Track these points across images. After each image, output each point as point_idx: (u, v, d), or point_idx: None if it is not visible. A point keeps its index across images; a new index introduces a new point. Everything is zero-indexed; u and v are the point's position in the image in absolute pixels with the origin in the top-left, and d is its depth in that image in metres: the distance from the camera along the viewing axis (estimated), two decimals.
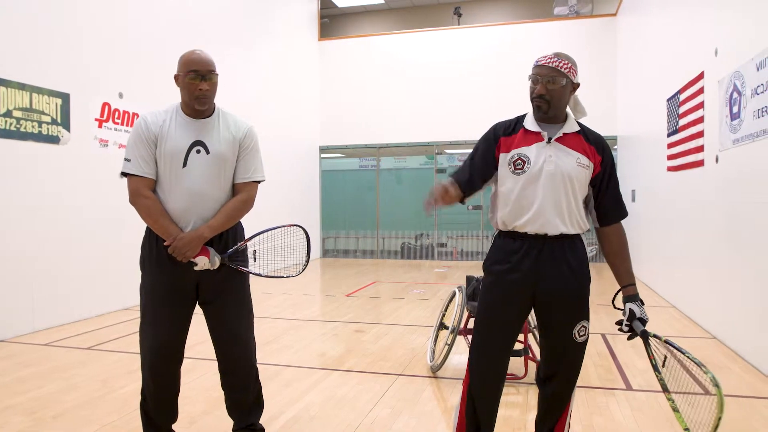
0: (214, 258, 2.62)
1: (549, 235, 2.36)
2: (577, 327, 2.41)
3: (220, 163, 2.65)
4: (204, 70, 2.60)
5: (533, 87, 2.41)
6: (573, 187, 2.35)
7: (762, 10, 4.36)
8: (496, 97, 12.43)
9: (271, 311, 6.82)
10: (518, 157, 2.39)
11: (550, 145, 2.38)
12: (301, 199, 12.62)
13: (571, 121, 2.46)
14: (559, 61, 2.37)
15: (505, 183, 2.43)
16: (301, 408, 3.57)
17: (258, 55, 10.62)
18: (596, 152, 2.41)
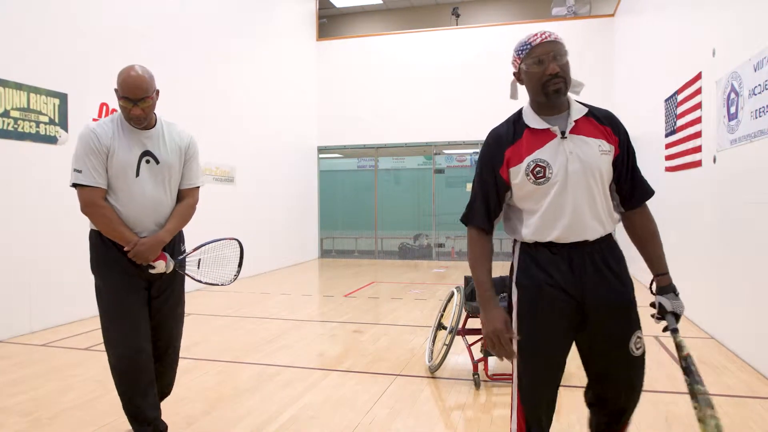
0: (170, 263, 2.82)
1: (589, 241, 2.02)
2: (632, 339, 2.02)
3: (169, 172, 2.83)
4: (135, 98, 2.65)
5: (540, 70, 2.00)
6: (602, 180, 2.02)
7: (759, 11, 4.37)
8: (494, 97, 12.40)
9: (270, 312, 6.82)
10: (535, 164, 2.01)
11: (565, 139, 2.01)
12: (299, 199, 12.62)
13: (575, 104, 2.09)
14: (554, 34, 2.05)
15: (527, 197, 2.06)
16: (300, 408, 3.57)
17: (256, 54, 10.62)
18: (612, 132, 2.06)
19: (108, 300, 2.77)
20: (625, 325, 2.03)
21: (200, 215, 9.22)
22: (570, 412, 3.49)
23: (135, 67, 2.69)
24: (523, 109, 2.14)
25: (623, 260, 2.09)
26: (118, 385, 2.78)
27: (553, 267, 2.03)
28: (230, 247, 3.29)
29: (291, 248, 12.06)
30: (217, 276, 3.17)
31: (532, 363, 2.07)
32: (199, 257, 3.06)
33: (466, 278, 4.50)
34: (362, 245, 13.92)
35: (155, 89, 2.74)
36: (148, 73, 2.71)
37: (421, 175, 13.71)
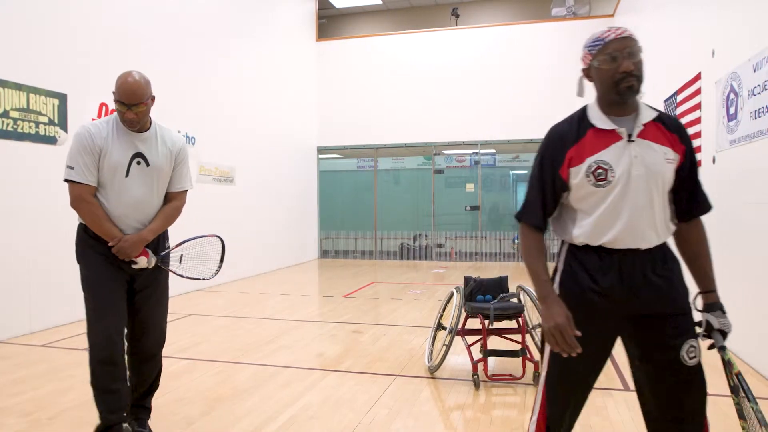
0: (152, 259, 2.92)
1: (641, 249, 1.95)
2: (685, 347, 1.92)
3: (158, 174, 2.94)
4: (130, 103, 2.74)
5: (613, 67, 1.91)
6: (664, 189, 1.95)
7: (759, 12, 4.37)
8: (494, 97, 12.46)
9: (269, 312, 6.82)
10: (597, 165, 1.94)
11: (632, 142, 1.93)
12: (299, 199, 12.62)
13: (644, 107, 1.99)
14: (629, 30, 1.93)
15: (586, 198, 1.99)
16: (300, 408, 3.57)
17: (256, 55, 10.62)
18: (679, 141, 1.96)
19: (92, 292, 2.85)
20: (678, 334, 1.94)
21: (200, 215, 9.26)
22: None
23: (133, 73, 2.80)
24: (588, 107, 2.07)
25: (678, 268, 2.01)
26: (92, 373, 2.83)
27: (599, 273, 1.96)
28: (212, 244, 3.43)
29: (290, 248, 12.06)
30: (199, 271, 3.30)
31: (566, 367, 2.01)
32: (182, 253, 3.20)
33: (465, 278, 4.50)
34: (362, 245, 13.92)
35: (150, 96, 2.83)
36: (145, 80, 2.81)
37: (421, 176, 13.71)
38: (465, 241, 13.42)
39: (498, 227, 13.60)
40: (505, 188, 13.97)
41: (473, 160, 13.18)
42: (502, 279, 4.52)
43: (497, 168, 13.61)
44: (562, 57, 12.28)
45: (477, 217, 13.10)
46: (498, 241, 13.39)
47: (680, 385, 1.95)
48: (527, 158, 13.59)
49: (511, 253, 13.00)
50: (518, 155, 13.76)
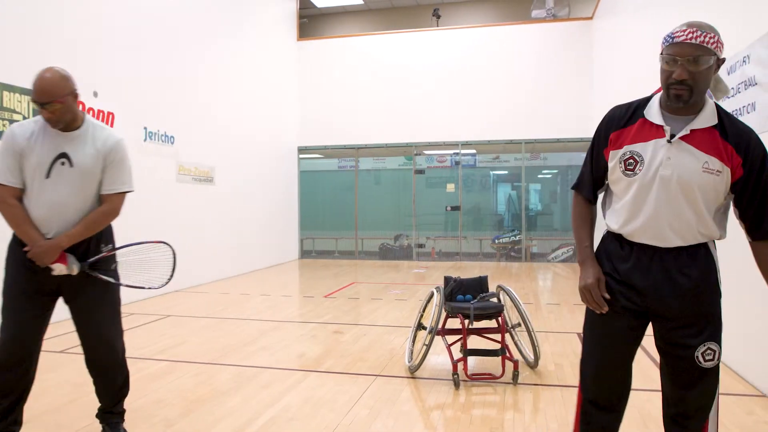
0: (72, 265, 2.74)
1: (660, 247, 2.00)
2: (701, 349, 1.98)
3: (84, 176, 2.77)
4: (41, 101, 2.64)
5: (668, 70, 1.91)
6: (695, 198, 1.92)
7: (733, 17, 4.45)
8: (475, 98, 12.53)
9: (249, 313, 6.78)
10: (630, 155, 1.98)
11: (672, 143, 1.93)
12: (280, 199, 12.57)
13: (708, 112, 1.94)
14: (704, 35, 1.84)
15: (617, 183, 2.07)
16: (280, 409, 3.55)
17: (236, 54, 10.54)
18: (735, 152, 1.89)
19: (3, 298, 2.79)
20: (693, 334, 2.00)
21: (180, 215, 9.11)
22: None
23: (49, 68, 2.67)
24: (653, 96, 2.08)
25: (710, 271, 2.03)
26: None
27: (618, 260, 2.07)
28: (158, 251, 3.21)
29: (271, 249, 12.00)
30: (144, 279, 3.14)
31: (593, 349, 2.17)
32: (120, 260, 3.02)
33: (445, 278, 4.52)
34: (343, 246, 13.90)
35: (69, 92, 2.68)
36: (61, 76, 2.67)
37: (402, 176, 13.74)
38: (445, 241, 13.48)
39: (478, 227, 13.69)
40: (486, 188, 14.06)
41: (454, 160, 13.24)
42: (482, 279, 4.55)
43: (478, 168, 13.69)
44: (542, 58, 12.42)
45: (458, 217, 13.16)
46: (478, 242, 13.46)
47: (692, 384, 2.04)
48: (507, 159, 13.69)
49: (492, 252, 13.08)
50: (498, 156, 13.86)
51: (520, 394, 3.84)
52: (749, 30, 4.02)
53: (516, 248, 12.87)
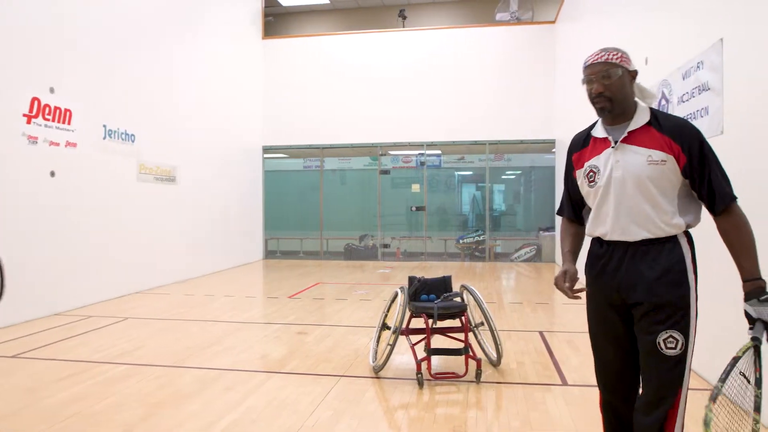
0: None
1: (631, 242, 2.18)
2: (662, 336, 2.09)
3: None
4: None
5: (589, 88, 2.22)
6: (649, 189, 2.12)
7: (687, 24, 4.60)
8: (440, 99, 12.62)
9: (213, 314, 6.68)
10: (590, 169, 2.27)
11: (616, 149, 2.19)
12: (244, 199, 12.43)
13: (640, 114, 2.20)
14: (608, 54, 2.19)
15: (587, 197, 2.33)
16: (242, 412, 3.52)
17: (199, 52, 10.38)
18: (673, 142, 2.11)
19: None
20: (657, 322, 2.10)
21: (141, 215, 8.93)
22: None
23: None
24: (599, 119, 2.33)
25: (679, 264, 2.13)
26: None
27: (597, 260, 2.28)
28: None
29: (235, 249, 11.85)
30: None
31: (593, 346, 2.38)
32: None
33: (410, 278, 4.54)
34: (308, 246, 13.83)
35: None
36: None
37: (367, 176, 13.75)
38: (410, 241, 13.54)
39: (443, 228, 13.79)
40: (451, 189, 14.17)
41: (419, 161, 13.31)
42: (446, 279, 4.59)
43: (443, 169, 13.79)
44: (506, 61, 12.59)
45: (422, 217, 13.24)
46: (443, 242, 13.56)
47: (654, 371, 2.13)
48: (472, 160, 13.83)
49: (456, 252, 13.20)
50: (463, 156, 13.99)
51: (482, 392, 3.89)
52: (703, 37, 4.16)
53: (480, 248, 13.02)
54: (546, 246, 12.53)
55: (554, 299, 7.93)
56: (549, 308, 7.16)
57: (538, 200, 13.71)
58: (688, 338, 2.10)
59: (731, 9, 3.78)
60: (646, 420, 2.15)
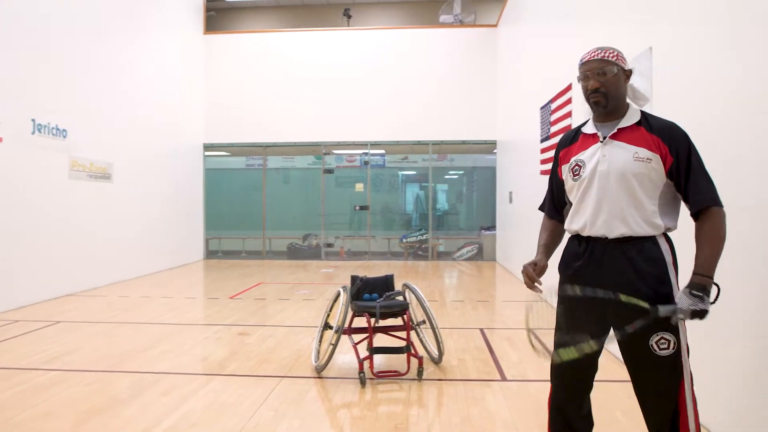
0: None
1: (609, 238, 2.21)
2: (654, 338, 2.11)
3: None
4: None
5: (585, 85, 2.26)
6: (632, 186, 2.17)
7: (620, 30, 4.79)
8: (384, 99, 12.68)
9: (149, 316, 6.48)
10: (576, 163, 2.32)
11: (604, 144, 2.24)
12: (184, 198, 12.10)
13: (631, 114, 2.26)
14: (604, 52, 2.24)
15: (570, 191, 2.37)
16: (180, 416, 3.43)
17: (137, 45, 10.03)
18: (661, 142, 2.15)
19: None
20: (646, 325, 2.08)
21: (73, 214, 8.58)
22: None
23: None
24: (590, 117, 2.40)
25: (660, 263, 2.16)
26: None
27: (573, 259, 2.32)
28: None
29: (174, 249, 11.53)
30: None
31: (558, 344, 2.37)
32: None
33: (352, 277, 4.54)
34: (250, 246, 13.61)
35: None
36: None
37: (311, 175, 13.66)
38: (354, 240, 13.54)
39: (387, 227, 13.85)
40: (394, 188, 14.26)
41: (363, 160, 13.33)
42: (388, 277, 4.62)
43: (387, 168, 13.85)
44: (449, 62, 12.78)
45: (366, 216, 13.26)
46: (387, 241, 13.63)
47: (650, 373, 2.17)
48: (416, 159, 13.95)
49: (400, 252, 13.29)
50: (407, 156, 14.10)
51: (424, 389, 3.94)
52: (635, 44, 4.35)
53: (423, 247, 13.16)
54: (487, 245, 12.79)
55: (495, 297, 8.11)
56: (489, 306, 7.31)
57: (480, 200, 13.97)
58: (679, 337, 2.12)
59: (660, 20, 3.97)
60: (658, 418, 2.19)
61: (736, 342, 2.85)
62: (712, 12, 3.22)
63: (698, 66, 3.36)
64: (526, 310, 2.39)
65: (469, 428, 3.28)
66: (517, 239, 9.66)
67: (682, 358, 2.14)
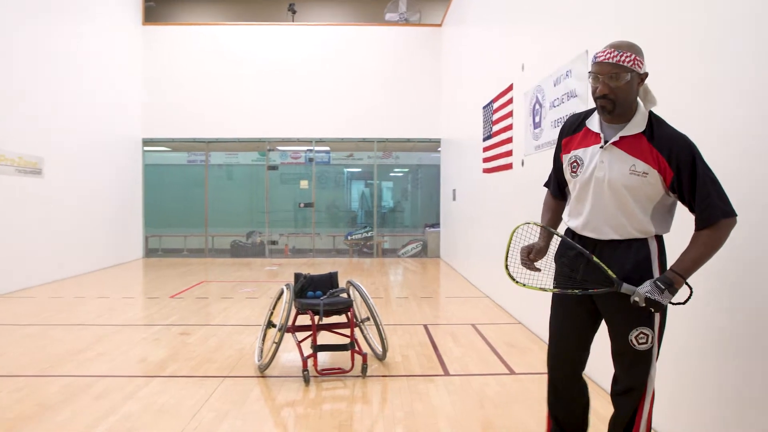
0: None
1: (600, 240, 2.26)
2: (634, 333, 2.20)
3: None
4: None
5: (594, 86, 2.17)
6: (625, 197, 2.17)
7: (558, 34, 4.93)
8: (329, 96, 12.62)
9: (84, 317, 6.23)
10: (575, 158, 2.30)
11: (605, 149, 2.20)
12: (121, 194, 11.67)
13: (638, 120, 2.18)
14: (620, 54, 2.10)
15: (569, 182, 2.40)
16: (116, 420, 3.31)
17: (71, 35, 9.59)
18: (660, 156, 2.10)
19: None
20: (628, 319, 2.20)
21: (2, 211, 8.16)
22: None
23: None
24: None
25: (645, 262, 2.20)
26: None
27: (570, 251, 2.32)
28: None
29: (111, 247, 11.12)
30: None
31: (554, 330, 2.49)
32: None
33: (296, 275, 4.51)
34: (192, 243, 13.28)
35: None
36: None
37: (255, 172, 13.44)
38: (299, 238, 13.43)
39: (332, 224, 13.80)
40: (340, 186, 14.21)
41: (308, 157, 13.23)
42: (332, 275, 4.60)
43: (332, 166, 13.79)
44: (395, 60, 12.84)
45: (311, 213, 13.17)
46: (332, 238, 13.58)
47: (626, 365, 2.28)
48: (361, 157, 13.95)
49: (345, 249, 13.27)
50: (352, 153, 14.07)
51: (369, 386, 3.95)
52: (572, 47, 4.48)
53: (368, 244, 13.18)
54: (432, 242, 12.94)
55: (439, 293, 8.21)
56: (434, 302, 7.40)
57: (425, 197, 14.10)
58: (654, 331, 2.22)
59: (594, 24, 4.11)
60: (622, 401, 2.33)
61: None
62: (643, 16, 3.36)
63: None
64: (509, 237, 2.42)
65: (412, 423, 3.31)
66: (461, 236, 9.81)
67: (653, 356, 2.26)
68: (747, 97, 2.41)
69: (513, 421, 3.34)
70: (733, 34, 2.51)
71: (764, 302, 2.30)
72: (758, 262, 2.33)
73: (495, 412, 3.47)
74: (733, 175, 2.40)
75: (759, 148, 2.33)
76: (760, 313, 2.31)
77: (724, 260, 2.38)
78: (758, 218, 2.31)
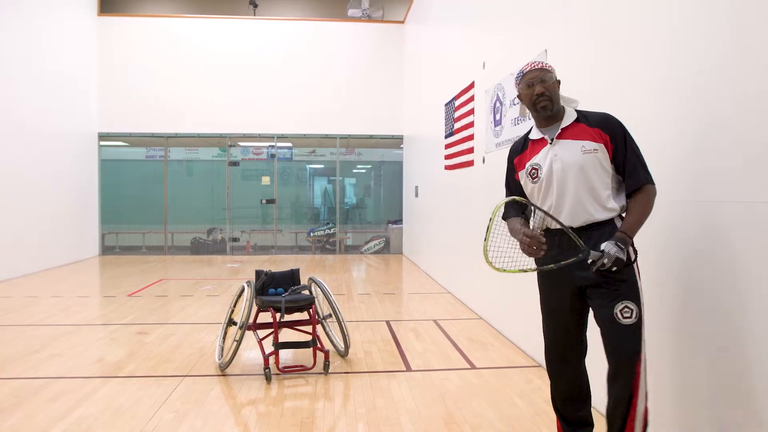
0: None
1: (574, 227, 2.40)
2: (618, 307, 2.32)
3: None
4: None
5: (530, 91, 2.49)
6: (587, 175, 2.39)
7: (518, 32, 5.01)
8: (291, 91, 12.52)
9: (37, 317, 6.04)
10: (532, 167, 2.52)
11: (553, 145, 2.47)
12: (76, 190, 11.34)
13: (568, 114, 2.51)
14: (541, 63, 2.53)
15: (529, 193, 2.58)
16: (72, 423, 3.23)
17: (19, 25, 9.26)
18: (602, 132, 2.41)
19: None
20: (610, 295, 2.35)
21: None
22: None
23: None
24: (532, 127, 2.61)
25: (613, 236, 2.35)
26: None
27: (551, 248, 2.40)
28: None
29: (65, 245, 10.80)
30: None
31: (548, 322, 2.63)
32: None
33: (257, 272, 4.47)
34: (150, 240, 13.00)
35: None
36: None
37: (216, 168, 13.25)
38: (261, 234, 13.29)
39: (295, 221, 13.72)
40: (302, 182, 14.13)
41: (269, 153, 13.10)
42: (293, 271, 4.58)
43: (294, 162, 13.69)
44: (357, 56, 12.81)
45: (272, 210, 13.06)
46: (294, 235, 13.50)
47: (614, 341, 2.35)
48: (323, 153, 13.90)
49: (307, 245, 13.20)
50: (315, 150, 14.01)
51: (331, 383, 3.95)
52: (532, 46, 4.56)
53: (331, 241, 13.15)
54: (394, 238, 12.98)
55: (401, 289, 8.25)
56: (396, 298, 7.43)
57: (387, 194, 14.14)
58: (641, 308, 2.34)
59: (554, 24, 4.19)
60: (615, 387, 2.36)
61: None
62: (597, 16, 3.45)
63: (587, 65, 3.58)
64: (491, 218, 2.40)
65: (374, 418, 3.33)
66: (424, 233, 9.88)
67: (641, 332, 2.33)
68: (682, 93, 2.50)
69: (473, 414, 3.39)
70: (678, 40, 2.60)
71: (716, 301, 2.39)
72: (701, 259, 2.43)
73: (456, 407, 3.51)
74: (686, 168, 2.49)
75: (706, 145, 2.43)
76: (714, 312, 2.40)
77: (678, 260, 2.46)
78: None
